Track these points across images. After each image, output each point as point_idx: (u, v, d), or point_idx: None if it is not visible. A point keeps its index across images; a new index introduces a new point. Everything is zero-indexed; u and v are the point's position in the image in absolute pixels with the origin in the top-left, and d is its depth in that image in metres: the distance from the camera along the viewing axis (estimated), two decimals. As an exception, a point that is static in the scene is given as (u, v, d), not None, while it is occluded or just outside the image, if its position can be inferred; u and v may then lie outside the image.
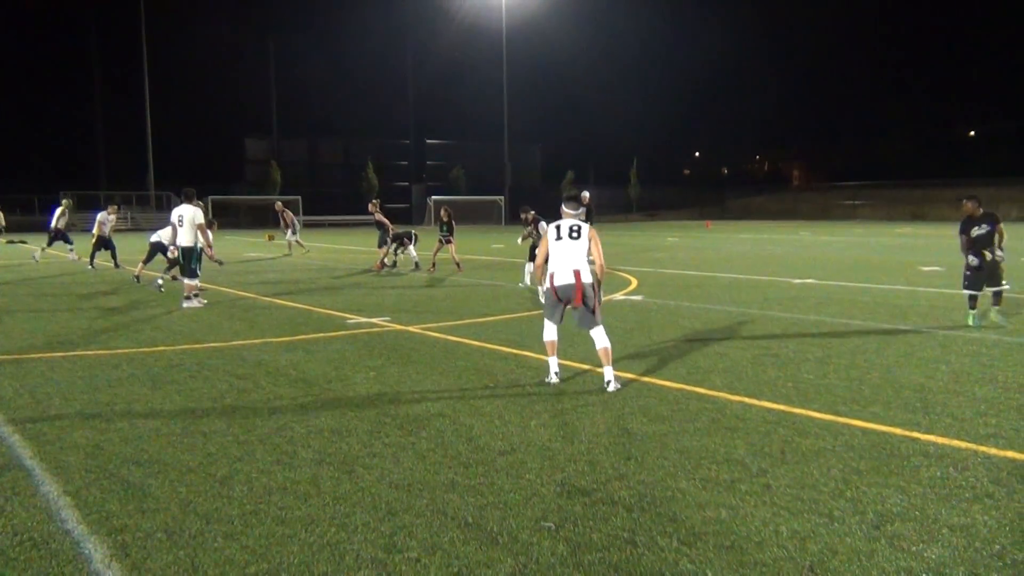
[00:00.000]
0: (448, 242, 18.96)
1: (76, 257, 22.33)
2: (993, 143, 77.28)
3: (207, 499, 4.44)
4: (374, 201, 21.60)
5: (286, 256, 25.73)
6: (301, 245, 27.30)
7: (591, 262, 7.02)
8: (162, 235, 16.88)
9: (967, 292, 10.07)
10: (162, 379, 7.47)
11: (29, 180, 55.54)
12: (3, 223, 29.80)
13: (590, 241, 6.92)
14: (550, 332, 7.06)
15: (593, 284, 6.86)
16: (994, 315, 10.00)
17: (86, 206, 55.58)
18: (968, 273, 10.05)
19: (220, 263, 16.43)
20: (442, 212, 19.54)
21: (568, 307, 7.02)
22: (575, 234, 6.88)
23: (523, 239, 15.67)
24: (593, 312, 6.86)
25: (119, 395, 6.85)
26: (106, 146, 70.30)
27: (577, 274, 6.73)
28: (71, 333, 10.25)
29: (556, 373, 7.06)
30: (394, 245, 19.71)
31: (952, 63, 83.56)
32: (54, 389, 7.08)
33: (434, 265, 19.08)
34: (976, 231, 9.99)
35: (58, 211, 22.08)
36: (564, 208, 7.16)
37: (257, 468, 4.94)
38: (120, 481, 4.73)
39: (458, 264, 19.11)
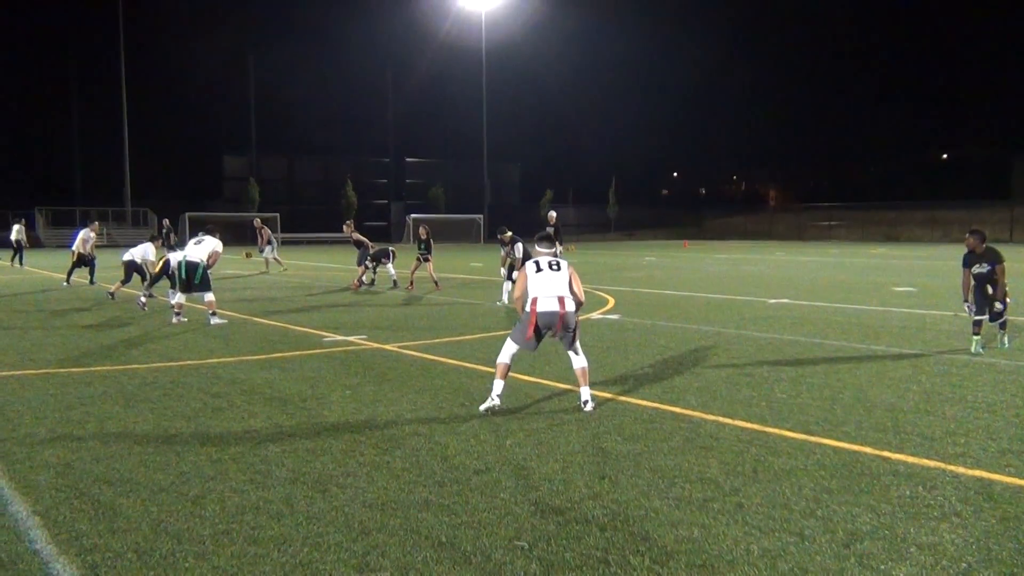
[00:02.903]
0: (426, 260, 18.98)
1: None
2: (965, 167, 78.74)
3: (179, 519, 4.41)
4: (348, 222, 21.55)
5: (263, 273, 25.59)
6: (279, 262, 27.17)
7: (574, 294, 7.04)
8: (134, 253, 16.75)
9: (972, 317, 9.72)
10: (135, 397, 7.40)
11: (2, 194, 54.85)
12: (26, 242, 29.60)
13: (570, 276, 6.99)
14: (508, 354, 6.86)
15: (575, 312, 6.92)
16: (999, 339, 9.96)
17: (61, 222, 55.08)
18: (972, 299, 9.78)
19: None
20: (420, 230, 19.56)
21: (548, 336, 7.02)
22: (555, 267, 6.97)
23: (503, 260, 15.73)
24: (573, 336, 6.91)
25: (91, 413, 6.78)
26: (82, 161, 69.72)
27: (561, 301, 6.79)
28: (43, 350, 10.14)
29: (499, 396, 6.76)
30: (372, 263, 19.69)
31: (926, 87, 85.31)
32: (25, 407, 7.00)
33: (412, 283, 19.06)
34: (977, 268, 9.73)
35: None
36: (537, 248, 7.31)
37: (230, 487, 4.91)
38: (91, 500, 4.68)
39: (436, 282, 19.10)
